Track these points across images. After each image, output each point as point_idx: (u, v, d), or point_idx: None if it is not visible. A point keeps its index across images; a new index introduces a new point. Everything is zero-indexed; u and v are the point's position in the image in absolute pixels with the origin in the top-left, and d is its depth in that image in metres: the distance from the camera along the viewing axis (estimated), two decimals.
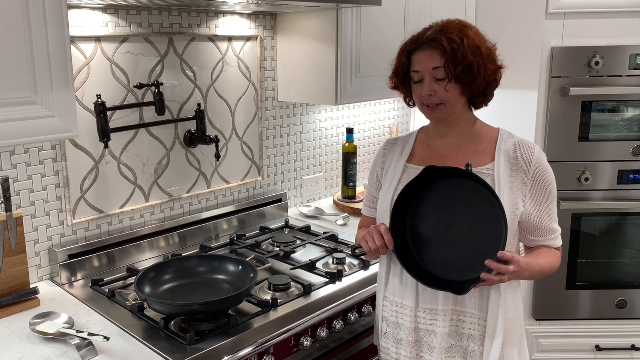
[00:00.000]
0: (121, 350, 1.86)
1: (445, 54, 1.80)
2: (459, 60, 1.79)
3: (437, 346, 1.92)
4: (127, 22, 2.44)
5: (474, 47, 1.81)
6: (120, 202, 2.55)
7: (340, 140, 3.54)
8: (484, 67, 1.82)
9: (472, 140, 1.96)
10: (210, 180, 2.88)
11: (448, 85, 1.82)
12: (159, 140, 2.62)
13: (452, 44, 1.79)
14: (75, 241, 2.42)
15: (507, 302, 1.90)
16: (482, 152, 1.93)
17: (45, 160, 2.29)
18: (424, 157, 2.01)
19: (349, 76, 2.81)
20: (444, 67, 1.81)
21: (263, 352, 1.96)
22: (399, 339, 2.00)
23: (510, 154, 1.89)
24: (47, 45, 1.73)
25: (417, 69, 1.87)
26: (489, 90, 1.90)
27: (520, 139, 1.93)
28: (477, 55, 1.80)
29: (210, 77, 2.77)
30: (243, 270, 2.21)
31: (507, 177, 1.86)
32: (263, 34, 2.97)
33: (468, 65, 1.79)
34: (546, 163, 1.91)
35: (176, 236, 2.71)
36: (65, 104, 1.80)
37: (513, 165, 1.88)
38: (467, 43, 1.80)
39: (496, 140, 1.94)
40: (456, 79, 1.81)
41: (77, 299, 2.22)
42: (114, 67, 2.42)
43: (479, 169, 1.87)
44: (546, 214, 1.92)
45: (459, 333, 1.92)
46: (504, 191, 1.84)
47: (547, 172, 1.90)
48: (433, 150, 2.00)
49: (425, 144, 2.04)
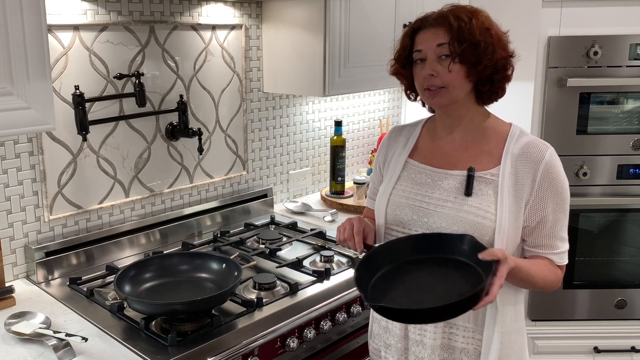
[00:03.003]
0: (100, 351, 1.87)
1: (452, 31, 1.76)
2: (465, 38, 1.74)
3: (425, 357, 1.90)
4: (107, 10, 2.45)
5: (483, 27, 1.77)
6: (100, 198, 2.56)
7: (329, 133, 3.56)
8: (492, 48, 1.77)
9: (480, 138, 1.89)
10: (193, 175, 2.89)
11: (451, 65, 1.76)
12: (140, 133, 2.64)
13: (459, 21, 1.75)
14: (53, 238, 2.43)
15: (506, 315, 1.86)
16: (488, 153, 1.87)
17: (21, 154, 2.30)
18: (427, 154, 1.97)
19: (337, 67, 2.82)
20: (448, 45, 1.75)
21: (248, 354, 1.97)
22: (388, 344, 2.00)
23: (518, 155, 1.82)
24: (24, 34, 1.73)
25: (420, 47, 1.82)
26: (497, 77, 1.82)
27: (533, 139, 1.85)
28: (485, 36, 1.76)
29: (193, 68, 2.78)
30: (227, 269, 2.22)
31: (512, 183, 1.80)
32: (248, 23, 2.98)
33: (474, 44, 1.75)
34: (560, 168, 1.82)
35: (157, 233, 2.72)
36: (42, 95, 1.80)
37: (519, 169, 1.80)
38: (475, 22, 1.76)
39: (506, 140, 1.87)
40: (460, 58, 1.75)
41: (55, 298, 2.23)
42: (93, 57, 2.44)
43: (482, 174, 1.83)
44: (551, 223, 1.83)
45: (451, 346, 1.88)
46: (505, 202, 1.78)
47: (559, 177, 1.81)
48: (437, 147, 1.96)
49: (430, 139, 2.00)
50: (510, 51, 1.85)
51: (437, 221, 1.84)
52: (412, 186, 1.93)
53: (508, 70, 1.85)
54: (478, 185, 1.82)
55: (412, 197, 1.91)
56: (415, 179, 1.93)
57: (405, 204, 1.91)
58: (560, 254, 1.86)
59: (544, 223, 1.82)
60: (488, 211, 1.79)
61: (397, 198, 1.94)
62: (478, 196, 1.81)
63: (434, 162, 1.92)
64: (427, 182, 1.91)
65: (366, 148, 3.86)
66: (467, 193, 1.82)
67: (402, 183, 1.95)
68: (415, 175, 1.94)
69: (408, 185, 1.94)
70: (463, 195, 1.83)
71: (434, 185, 1.89)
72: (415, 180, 1.93)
